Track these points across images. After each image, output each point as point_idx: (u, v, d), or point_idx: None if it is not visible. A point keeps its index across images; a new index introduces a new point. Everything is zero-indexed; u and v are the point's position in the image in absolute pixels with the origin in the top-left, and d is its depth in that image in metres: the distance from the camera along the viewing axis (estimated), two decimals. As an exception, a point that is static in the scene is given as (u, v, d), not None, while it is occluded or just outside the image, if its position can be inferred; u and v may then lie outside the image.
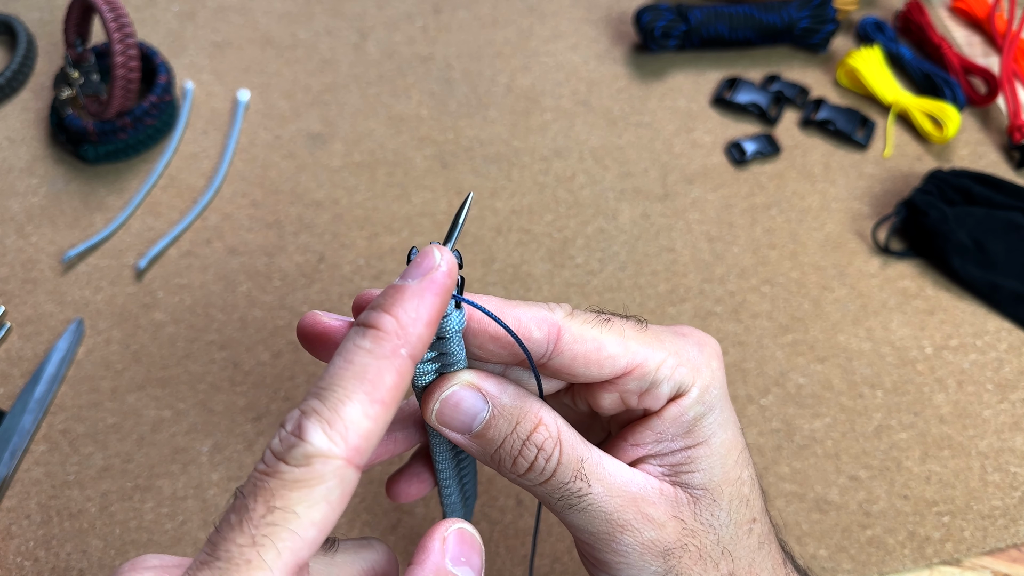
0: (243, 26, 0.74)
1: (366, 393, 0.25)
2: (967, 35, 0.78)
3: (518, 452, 0.31)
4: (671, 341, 0.33)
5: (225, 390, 0.55)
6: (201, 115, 0.69)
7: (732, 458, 0.33)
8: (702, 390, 0.33)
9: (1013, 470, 0.54)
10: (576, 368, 0.31)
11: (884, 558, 0.51)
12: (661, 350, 0.32)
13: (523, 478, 0.32)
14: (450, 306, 0.29)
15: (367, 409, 0.25)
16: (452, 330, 0.29)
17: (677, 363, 0.32)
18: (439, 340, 0.30)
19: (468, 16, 0.76)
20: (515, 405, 0.32)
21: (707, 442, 0.33)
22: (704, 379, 0.33)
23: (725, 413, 0.34)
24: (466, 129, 0.69)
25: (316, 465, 0.24)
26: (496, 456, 0.32)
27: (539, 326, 0.30)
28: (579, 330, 0.31)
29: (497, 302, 0.30)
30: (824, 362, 0.58)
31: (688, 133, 0.70)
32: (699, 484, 0.33)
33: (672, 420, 0.33)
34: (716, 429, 0.33)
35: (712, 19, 0.72)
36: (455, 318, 0.29)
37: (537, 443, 0.31)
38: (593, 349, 0.31)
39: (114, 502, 0.51)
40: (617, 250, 0.63)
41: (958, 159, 0.69)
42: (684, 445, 0.33)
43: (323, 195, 0.65)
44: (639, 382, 0.32)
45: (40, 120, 0.68)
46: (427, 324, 0.26)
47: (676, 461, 0.33)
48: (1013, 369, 0.58)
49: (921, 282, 0.62)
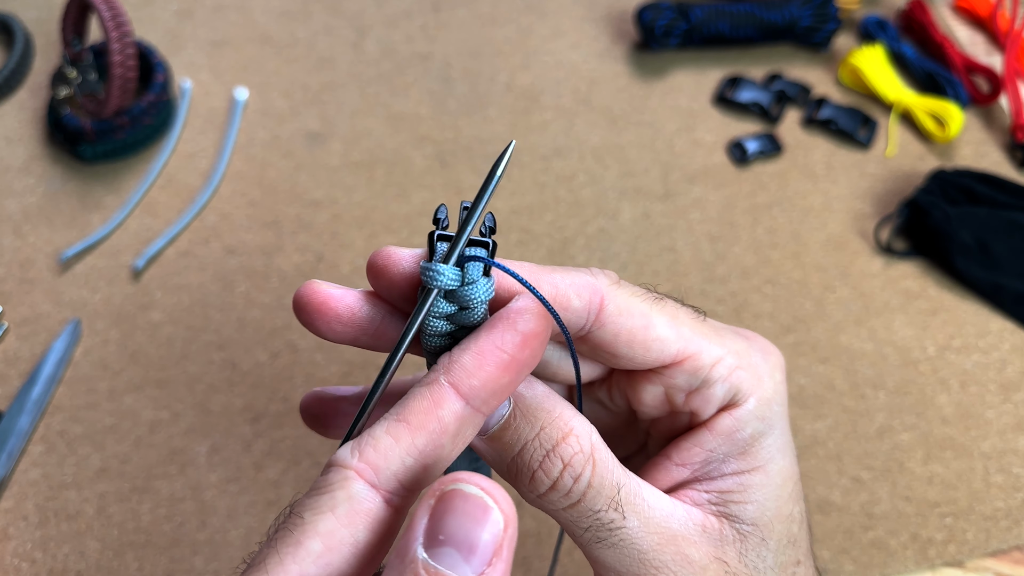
0: (241, 24, 0.74)
1: (394, 413, 0.24)
2: (970, 34, 0.78)
3: (538, 464, 0.26)
4: (732, 340, 0.29)
5: (223, 391, 0.55)
6: (199, 114, 0.68)
7: (787, 490, 0.29)
8: (762, 403, 0.28)
9: (1016, 471, 0.54)
10: (619, 347, 0.27)
11: (887, 560, 0.50)
12: (720, 346, 0.28)
13: (544, 499, 0.27)
14: (477, 272, 0.26)
15: (389, 426, 0.24)
16: (479, 300, 0.26)
17: (736, 365, 0.28)
18: (462, 311, 0.26)
19: (467, 14, 0.76)
20: (542, 407, 0.27)
21: (764, 468, 0.28)
22: (766, 391, 0.29)
23: (786, 436, 0.30)
24: (466, 128, 0.69)
25: (330, 474, 0.23)
26: (513, 466, 0.27)
27: (579, 293, 0.26)
28: (626, 302, 0.27)
29: (531, 267, 0.27)
30: (826, 363, 0.58)
31: (689, 132, 0.69)
32: (749, 519, 0.28)
33: (726, 435, 0.29)
34: (775, 454, 0.29)
35: (713, 17, 0.72)
36: (482, 286, 0.26)
37: (564, 457, 0.26)
38: (640, 327, 0.27)
39: (111, 503, 0.51)
40: (618, 250, 0.63)
41: (961, 158, 0.69)
42: (737, 469, 0.29)
43: (322, 194, 0.64)
44: (690, 377, 0.28)
45: (37, 119, 0.67)
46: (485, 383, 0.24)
47: (726, 487, 0.29)
48: (1016, 370, 0.58)
49: (924, 282, 0.62)
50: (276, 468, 0.52)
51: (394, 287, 0.27)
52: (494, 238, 0.26)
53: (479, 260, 0.26)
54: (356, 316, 0.27)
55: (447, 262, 0.25)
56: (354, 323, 0.27)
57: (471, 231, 0.26)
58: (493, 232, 0.27)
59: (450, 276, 0.25)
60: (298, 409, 0.30)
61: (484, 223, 0.27)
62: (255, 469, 0.52)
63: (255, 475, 0.52)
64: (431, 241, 0.26)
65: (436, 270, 0.25)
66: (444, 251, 0.26)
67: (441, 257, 0.26)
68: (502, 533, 0.21)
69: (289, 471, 0.52)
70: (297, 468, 0.52)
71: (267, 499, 0.51)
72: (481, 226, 0.27)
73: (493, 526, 0.21)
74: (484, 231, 0.27)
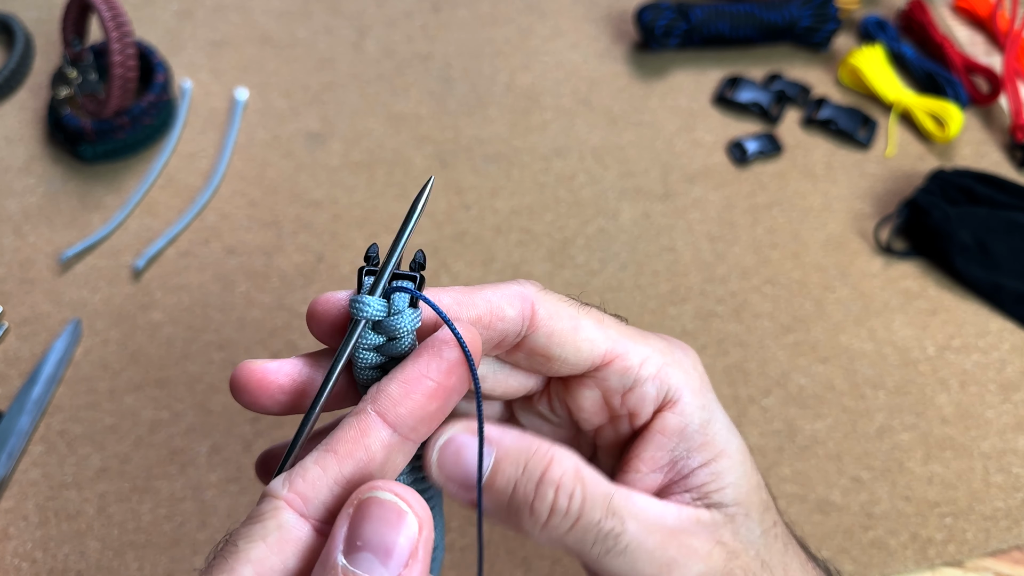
0: (241, 25, 0.74)
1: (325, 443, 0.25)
2: (969, 34, 0.78)
3: (533, 496, 0.27)
4: (654, 340, 0.31)
5: (223, 391, 0.55)
6: (199, 114, 0.68)
7: (748, 463, 0.31)
8: (696, 393, 0.30)
9: (1016, 471, 0.54)
10: (552, 348, 0.29)
11: (886, 560, 0.51)
12: (644, 346, 0.30)
13: (548, 527, 0.28)
14: (404, 303, 0.27)
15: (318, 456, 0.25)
16: (405, 330, 0.27)
17: (663, 362, 0.30)
18: (391, 341, 0.28)
19: (467, 14, 0.76)
20: (520, 445, 0.28)
21: (726, 451, 0.30)
22: (694, 382, 0.31)
23: (725, 416, 0.32)
24: (466, 128, 0.69)
25: (263, 504, 0.24)
26: (511, 507, 0.28)
27: (511, 303, 0.28)
28: (555, 307, 0.29)
29: (460, 290, 0.28)
30: (826, 363, 0.58)
31: (689, 132, 0.69)
32: (731, 501, 0.30)
33: (678, 433, 0.30)
34: (727, 435, 0.31)
35: (713, 17, 0.72)
36: (408, 316, 0.27)
37: (553, 480, 0.27)
38: (570, 328, 0.29)
39: (112, 503, 0.51)
40: (618, 250, 0.63)
41: (961, 158, 0.69)
42: (703, 460, 0.30)
43: (322, 194, 0.64)
44: (622, 377, 0.30)
45: (37, 119, 0.67)
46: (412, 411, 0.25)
47: (701, 481, 0.30)
48: (1016, 370, 0.58)
49: (924, 282, 0.62)
50: (276, 468, 0.52)
51: (331, 327, 0.28)
52: (423, 272, 0.28)
53: (403, 291, 0.28)
54: (298, 382, 0.28)
55: (372, 294, 0.27)
56: (297, 389, 0.28)
57: (395, 263, 0.27)
58: (422, 268, 0.28)
59: (376, 307, 0.27)
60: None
61: (414, 259, 0.28)
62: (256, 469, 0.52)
63: (255, 475, 0.52)
64: (360, 276, 0.28)
65: (362, 301, 0.27)
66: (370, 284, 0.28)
67: (367, 290, 0.27)
68: (417, 536, 0.23)
69: (289, 471, 0.52)
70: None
71: (267, 499, 0.51)
72: (411, 262, 0.28)
73: (408, 529, 0.23)
74: (413, 266, 0.28)
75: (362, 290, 0.28)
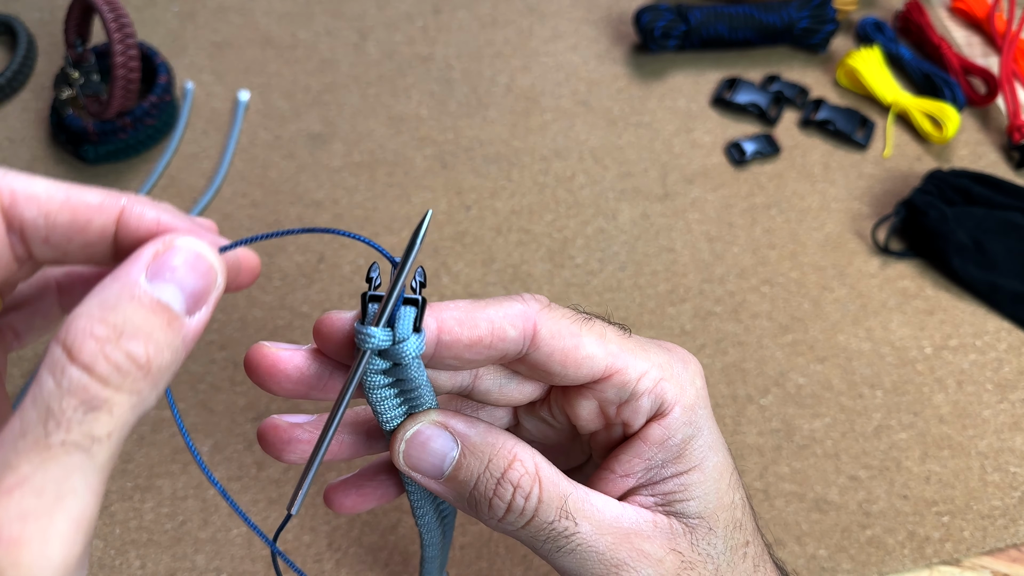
0: (243, 26, 0.74)
1: None
2: (967, 35, 0.78)
3: (492, 492, 0.29)
4: (656, 353, 0.31)
5: (225, 390, 0.55)
6: (201, 115, 0.69)
7: (725, 482, 0.32)
8: (687, 409, 0.31)
9: (1013, 470, 0.54)
10: (553, 366, 0.29)
11: (884, 558, 0.51)
12: (644, 360, 0.30)
13: (503, 522, 0.30)
14: (407, 330, 0.27)
15: None
16: (410, 356, 0.27)
17: (660, 377, 0.30)
18: (395, 367, 0.28)
19: (468, 16, 0.76)
20: (486, 441, 0.30)
21: (700, 467, 0.31)
22: (688, 398, 0.31)
23: (714, 435, 0.32)
24: (466, 129, 0.69)
25: None
26: (472, 500, 0.30)
27: (513, 324, 0.28)
28: (556, 326, 0.29)
29: (466, 305, 0.29)
30: (824, 362, 0.58)
31: (688, 133, 0.70)
32: (694, 513, 0.31)
33: (659, 443, 0.31)
34: (708, 452, 0.31)
35: (712, 19, 0.73)
36: (412, 343, 0.27)
37: (513, 480, 0.29)
38: (572, 346, 0.29)
39: (114, 502, 0.51)
40: (617, 250, 0.63)
41: (958, 159, 0.69)
42: (676, 471, 0.31)
43: (323, 195, 0.65)
44: (619, 390, 0.30)
45: (40, 120, 0.68)
46: None
47: (669, 489, 0.31)
48: (1013, 369, 0.58)
49: (921, 282, 0.62)
50: (278, 466, 0.53)
51: (338, 348, 0.29)
52: (423, 294, 0.28)
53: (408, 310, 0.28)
54: (304, 375, 0.29)
55: (377, 324, 0.27)
56: (303, 381, 0.29)
57: (396, 297, 0.27)
58: (424, 287, 0.28)
59: (380, 337, 0.27)
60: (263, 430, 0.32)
61: (415, 278, 0.29)
62: (257, 467, 0.53)
63: (257, 473, 0.52)
64: (364, 302, 0.28)
65: (367, 333, 0.27)
66: (375, 311, 0.28)
67: (372, 320, 0.27)
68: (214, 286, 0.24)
69: (290, 470, 0.53)
70: (298, 467, 0.53)
71: (269, 497, 0.52)
72: (412, 281, 0.28)
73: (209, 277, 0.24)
74: (415, 286, 0.28)
75: (367, 318, 0.28)
